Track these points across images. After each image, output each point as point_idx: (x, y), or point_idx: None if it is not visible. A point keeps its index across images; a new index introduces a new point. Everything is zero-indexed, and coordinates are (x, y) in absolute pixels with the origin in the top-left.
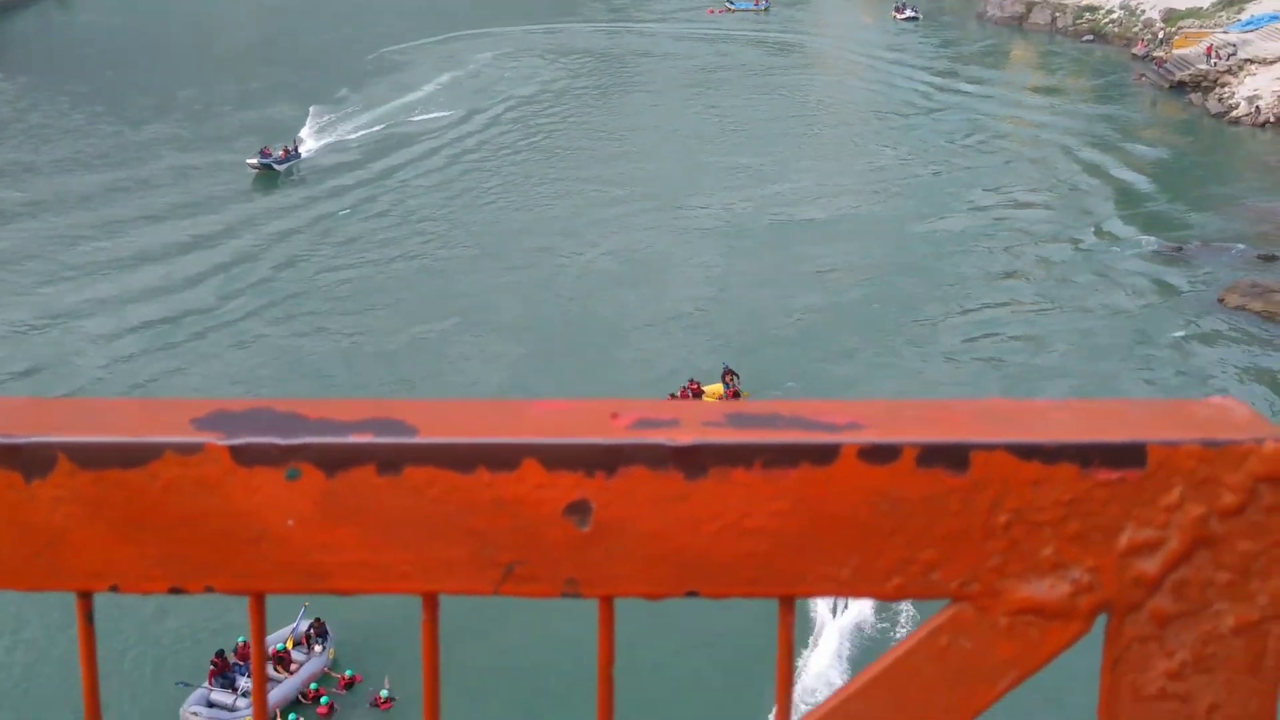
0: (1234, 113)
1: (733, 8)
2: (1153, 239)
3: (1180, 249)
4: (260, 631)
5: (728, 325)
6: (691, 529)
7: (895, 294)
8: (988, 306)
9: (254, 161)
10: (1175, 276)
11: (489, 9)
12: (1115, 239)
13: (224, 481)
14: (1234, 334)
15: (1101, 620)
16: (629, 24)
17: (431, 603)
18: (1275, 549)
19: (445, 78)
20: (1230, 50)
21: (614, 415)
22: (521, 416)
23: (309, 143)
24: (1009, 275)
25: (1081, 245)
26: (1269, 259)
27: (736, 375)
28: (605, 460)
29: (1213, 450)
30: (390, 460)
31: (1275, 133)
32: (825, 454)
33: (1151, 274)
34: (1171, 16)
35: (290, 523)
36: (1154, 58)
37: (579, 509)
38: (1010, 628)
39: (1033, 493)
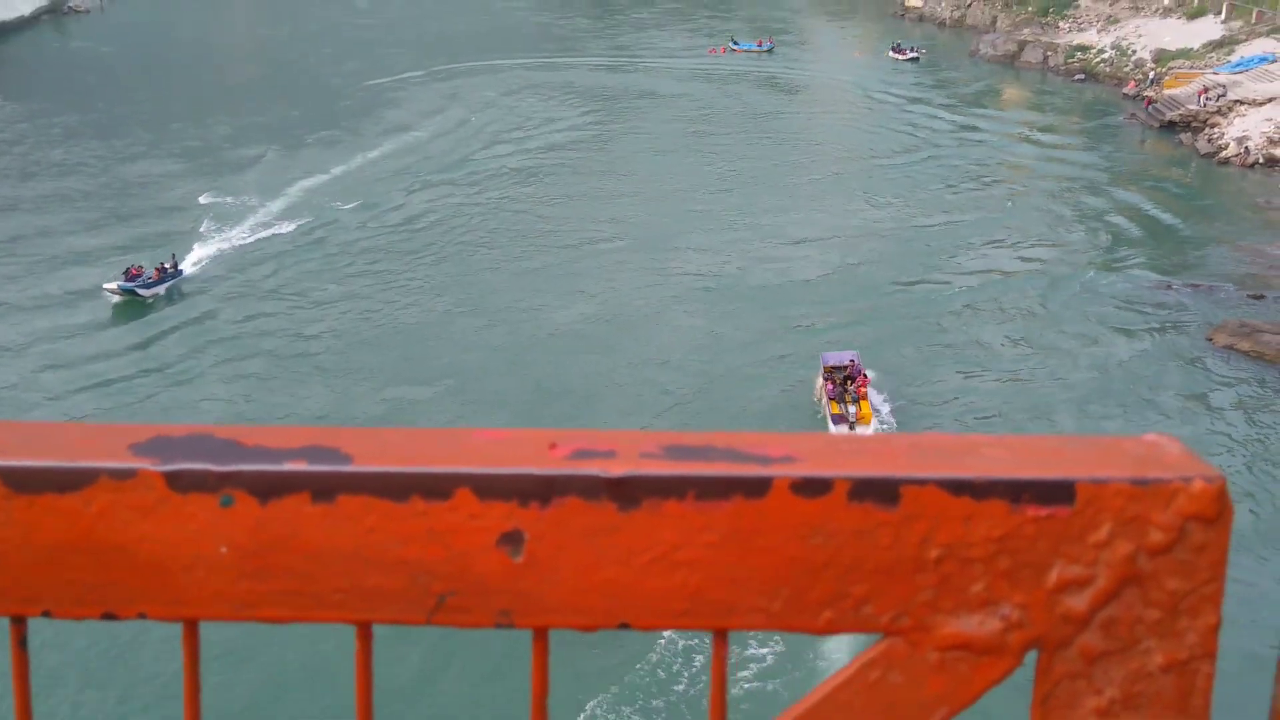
0: (1223, 153)
1: (736, 48)
2: (1143, 279)
3: (1170, 288)
4: (194, 660)
5: (708, 396)
6: (624, 560)
7: (883, 349)
8: (976, 352)
9: (113, 286)
10: (1165, 316)
11: (490, 42)
12: (1106, 279)
13: (158, 508)
14: (1222, 373)
15: (1031, 656)
16: (632, 61)
17: (365, 633)
18: (1203, 588)
19: (435, 117)
20: (1220, 91)
21: (552, 445)
22: (459, 445)
23: (265, 207)
24: (999, 319)
25: (1072, 286)
26: (1257, 298)
27: None
28: (539, 490)
29: (1141, 488)
30: (324, 489)
31: (1264, 173)
32: (758, 487)
33: (1141, 313)
34: (1162, 57)
35: (224, 550)
36: (1144, 97)
37: (512, 539)
38: (941, 663)
39: (964, 528)
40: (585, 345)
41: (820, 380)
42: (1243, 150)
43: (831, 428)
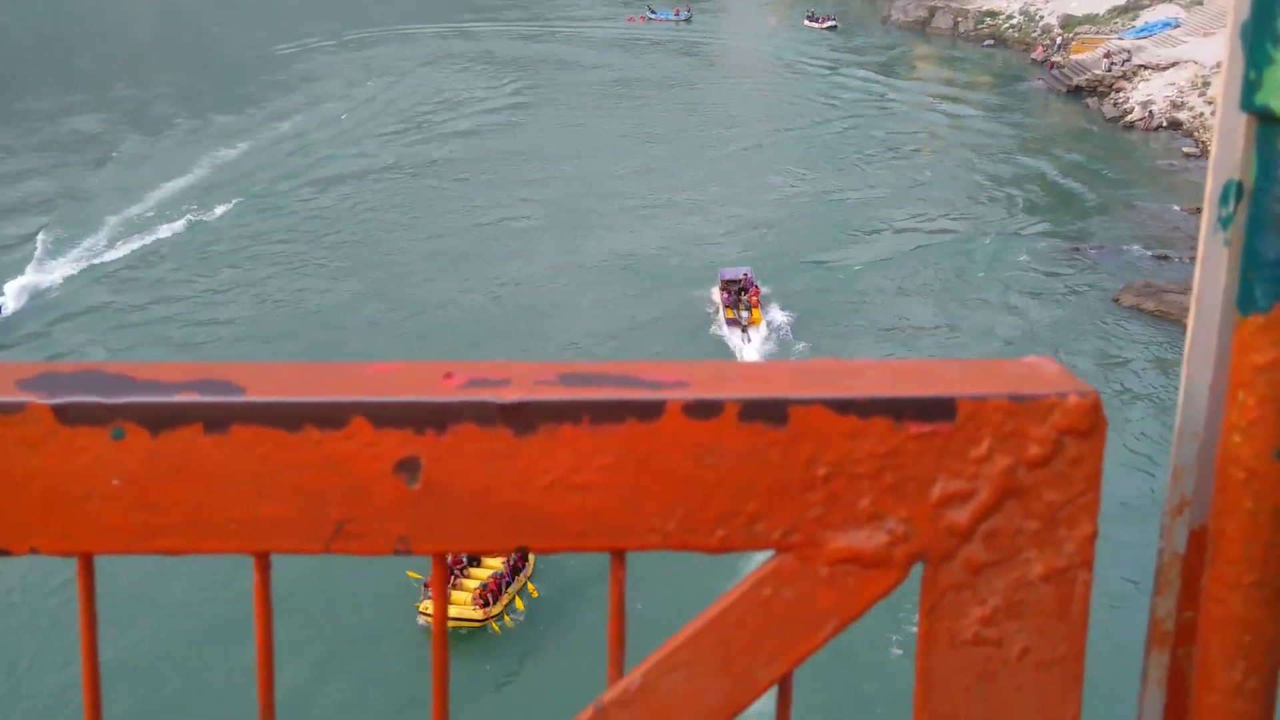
0: (1128, 117)
1: (654, 17)
2: (1052, 242)
3: (1078, 250)
4: (89, 595)
5: None
6: (521, 484)
7: (799, 322)
8: (891, 318)
9: None
10: (1073, 278)
11: (405, 9)
12: (1016, 243)
13: (47, 441)
14: (1128, 332)
15: (918, 569)
16: (550, 29)
17: (262, 562)
18: (1080, 498)
19: (345, 88)
20: (1125, 56)
21: (448, 375)
22: (352, 377)
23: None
24: (913, 285)
25: (982, 251)
26: (1162, 259)
27: None
28: (434, 418)
29: (1018, 404)
30: (216, 419)
31: (1167, 136)
32: (651, 410)
33: (1050, 276)
34: (1069, 22)
35: (116, 482)
36: (1051, 62)
37: (409, 466)
38: (831, 577)
39: (849, 445)
40: (497, 330)
41: (717, 291)
42: (1147, 114)
43: (725, 330)
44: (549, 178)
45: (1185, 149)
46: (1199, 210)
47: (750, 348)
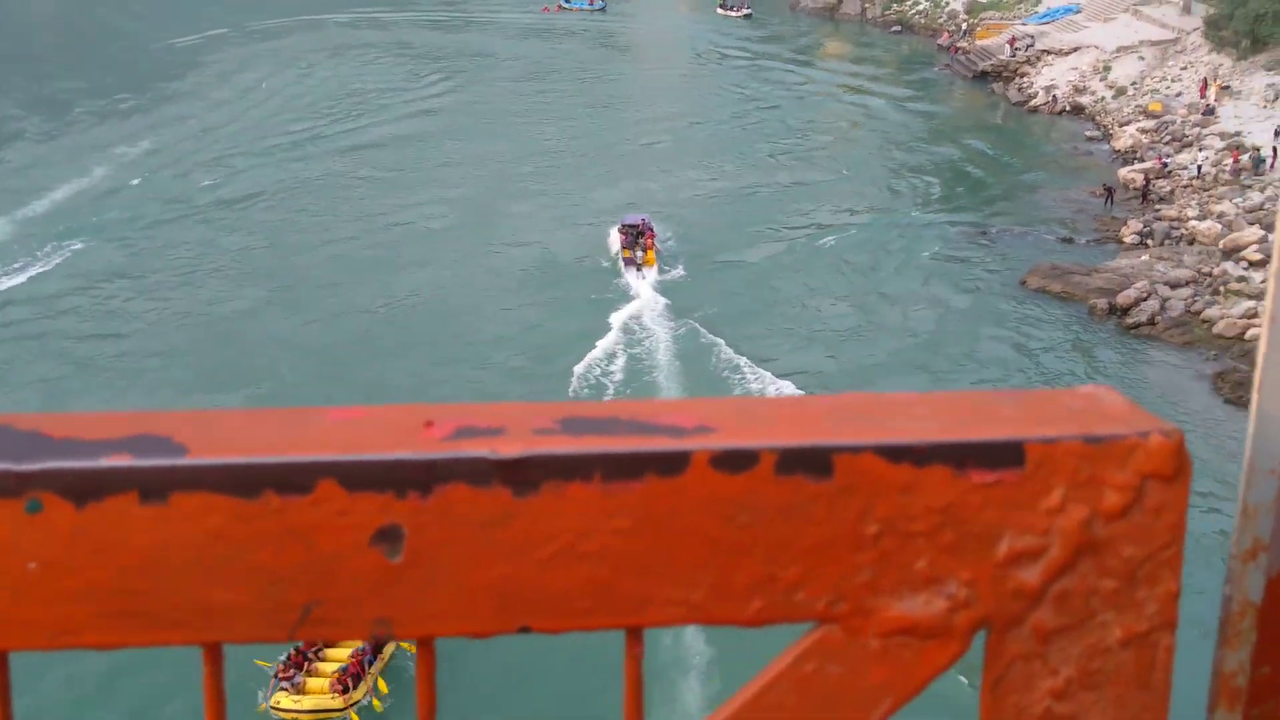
0: (1033, 101)
1: (568, 6)
2: (960, 226)
3: (985, 234)
4: (4, 698)
5: (532, 393)
6: (521, 554)
7: (708, 323)
8: (802, 306)
9: None
10: (980, 262)
11: None
12: (922, 228)
13: None
14: (1035, 315)
15: (980, 637)
16: (463, 17)
17: (213, 654)
18: (1162, 553)
19: (245, 82)
20: (1029, 41)
21: (428, 424)
22: (316, 428)
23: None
24: (826, 271)
25: (889, 237)
26: (1067, 242)
27: None
28: (418, 478)
29: (1095, 446)
30: (154, 486)
31: (1070, 120)
32: (674, 463)
33: (957, 260)
34: (974, 8)
35: (32, 566)
36: (956, 48)
37: (389, 536)
38: (883, 650)
39: (904, 499)
40: (407, 339)
41: (617, 235)
42: (1050, 99)
43: (623, 269)
44: (461, 172)
45: (1088, 133)
46: (1103, 192)
47: (644, 284)
